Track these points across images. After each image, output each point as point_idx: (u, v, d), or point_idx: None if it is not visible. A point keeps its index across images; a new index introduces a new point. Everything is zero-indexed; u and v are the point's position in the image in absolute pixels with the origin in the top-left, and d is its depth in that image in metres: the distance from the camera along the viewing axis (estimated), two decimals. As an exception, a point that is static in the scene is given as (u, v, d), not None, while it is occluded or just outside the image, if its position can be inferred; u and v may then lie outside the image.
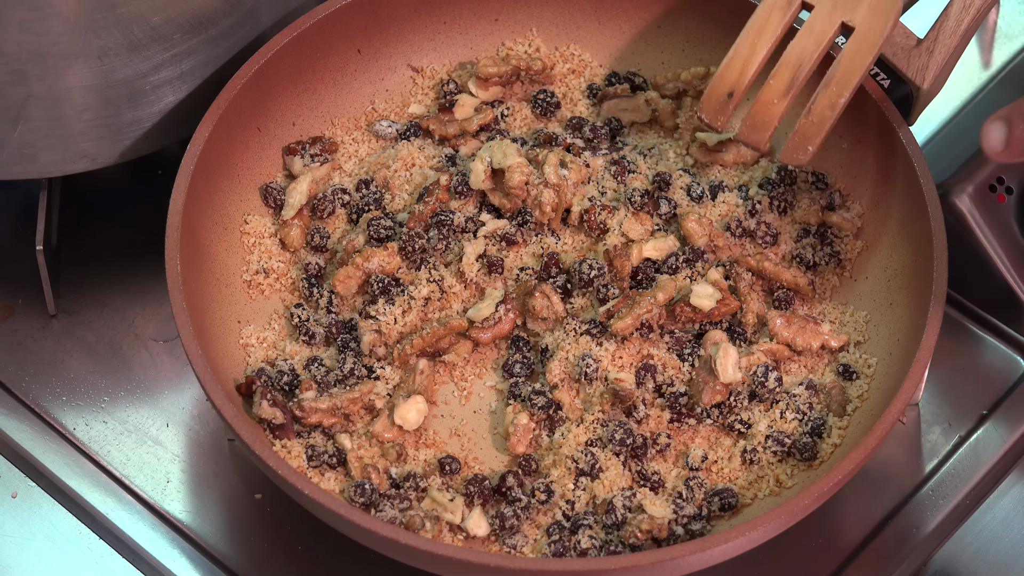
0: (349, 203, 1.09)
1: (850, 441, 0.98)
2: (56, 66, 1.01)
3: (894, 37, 1.09)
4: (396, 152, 1.10)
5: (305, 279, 1.06)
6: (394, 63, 1.15)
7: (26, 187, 1.14)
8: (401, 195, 1.08)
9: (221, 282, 1.04)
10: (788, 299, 1.05)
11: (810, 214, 1.09)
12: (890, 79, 1.09)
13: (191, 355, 0.94)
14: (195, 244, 1.01)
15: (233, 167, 1.07)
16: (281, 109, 1.10)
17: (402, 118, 1.15)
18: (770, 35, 1.04)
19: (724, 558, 0.91)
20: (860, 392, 1.01)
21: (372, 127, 1.13)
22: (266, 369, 1.01)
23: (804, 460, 0.98)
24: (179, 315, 0.95)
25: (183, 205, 0.99)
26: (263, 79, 1.07)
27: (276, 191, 1.09)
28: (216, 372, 0.95)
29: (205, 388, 0.93)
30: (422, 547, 0.88)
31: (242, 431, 0.92)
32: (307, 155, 1.10)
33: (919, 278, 1.01)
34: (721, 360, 0.99)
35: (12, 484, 1.05)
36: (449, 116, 1.13)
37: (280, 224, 1.08)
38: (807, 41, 1.03)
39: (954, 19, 1.08)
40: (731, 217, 1.07)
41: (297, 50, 1.08)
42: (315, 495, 0.89)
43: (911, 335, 0.99)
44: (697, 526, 0.96)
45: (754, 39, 1.04)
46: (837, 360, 1.03)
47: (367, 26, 1.12)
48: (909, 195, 1.04)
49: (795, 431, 0.99)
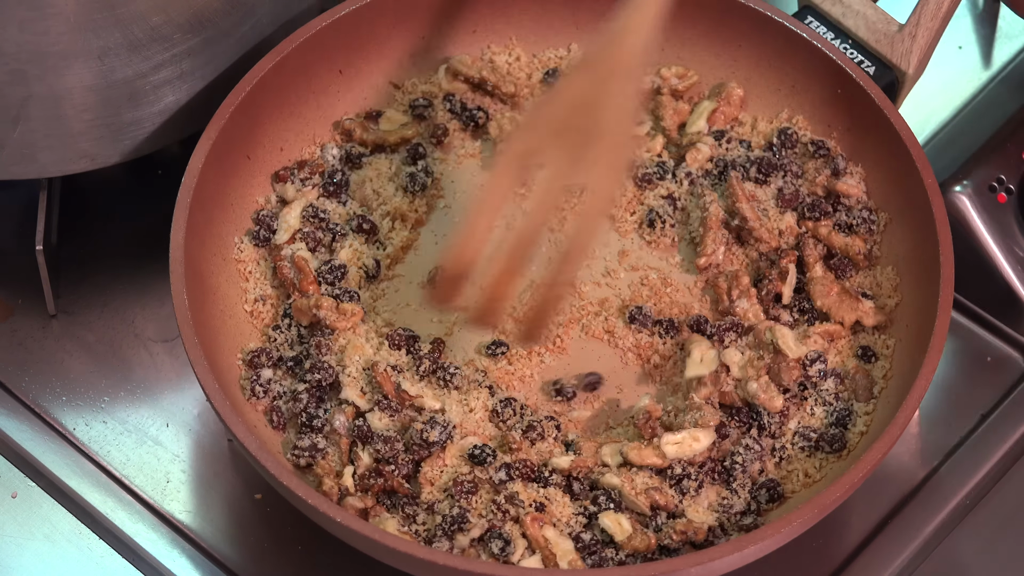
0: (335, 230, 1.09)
1: (876, 427, 0.98)
2: (56, 66, 1.01)
3: (875, 24, 1.10)
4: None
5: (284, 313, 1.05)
6: (376, 81, 1.15)
7: (26, 187, 1.14)
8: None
9: (225, 313, 1.04)
10: (843, 266, 1.06)
11: (816, 185, 1.09)
12: (875, 66, 1.09)
13: (208, 390, 0.93)
14: (198, 277, 1.01)
15: (225, 197, 1.07)
16: (268, 135, 1.10)
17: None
18: (497, 209, 0.94)
19: (744, 562, 0.91)
20: (884, 372, 1.01)
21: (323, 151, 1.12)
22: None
23: (834, 452, 0.99)
24: (191, 349, 0.94)
25: (184, 239, 0.99)
26: (250, 106, 1.06)
27: (268, 218, 1.08)
28: (232, 403, 0.94)
29: (226, 422, 0.93)
30: (421, 556, 0.88)
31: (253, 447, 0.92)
32: (297, 180, 1.10)
33: (923, 263, 1.01)
34: (782, 339, 1.00)
35: (12, 484, 1.05)
36: (374, 124, 1.13)
37: (273, 248, 1.08)
38: (535, 213, 0.93)
39: (934, 2, 1.09)
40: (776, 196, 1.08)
41: (280, 75, 1.08)
42: (316, 501, 0.90)
43: (921, 320, 0.99)
44: (748, 520, 0.96)
45: (482, 216, 0.93)
46: (857, 343, 1.03)
47: (347, 46, 1.12)
48: (907, 181, 1.04)
49: (821, 424, 1.00)
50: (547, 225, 0.97)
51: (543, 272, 0.96)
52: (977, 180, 1.14)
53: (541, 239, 0.97)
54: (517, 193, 1.05)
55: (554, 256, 0.94)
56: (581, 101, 0.94)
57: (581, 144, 0.94)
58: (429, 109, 1.14)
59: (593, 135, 0.94)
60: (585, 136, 0.94)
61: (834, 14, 1.12)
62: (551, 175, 0.94)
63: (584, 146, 0.93)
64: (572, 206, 1.07)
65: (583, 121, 0.94)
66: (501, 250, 0.93)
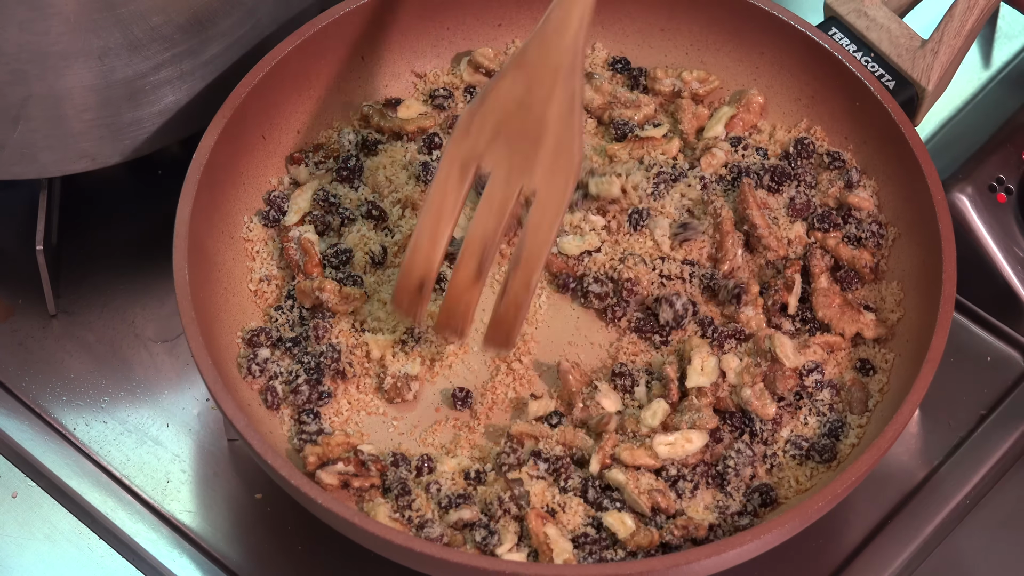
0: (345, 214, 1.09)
1: (867, 440, 0.98)
2: (56, 66, 1.01)
3: (898, 39, 1.10)
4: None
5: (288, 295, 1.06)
6: (398, 69, 1.15)
7: (26, 187, 1.14)
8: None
9: (228, 291, 1.04)
10: (849, 279, 1.06)
11: (828, 197, 1.09)
12: (895, 80, 1.09)
13: (200, 362, 0.94)
14: (202, 253, 1.01)
15: (238, 175, 1.07)
16: (285, 116, 1.10)
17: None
18: (448, 216, 0.94)
19: (735, 563, 0.91)
20: (880, 387, 1.01)
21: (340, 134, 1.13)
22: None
23: (824, 462, 0.99)
24: (188, 325, 0.95)
25: (190, 214, 0.99)
26: (267, 86, 1.06)
27: (279, 199, 1.08)
28: (226, 381, 0.94)
29: (216, 397, 0.93)
30: (431, 553, 0.88)
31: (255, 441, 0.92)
32: (311, 163, 1.10)
33: (927, 279, 1.01)
34: (780, 348, 1.00)
35: (12, 484, 1.05)
36: (392, 111, 1.13)
37: (282, 230, 1.08)
38: (487, 219, 0.94)
39: (958, 19, 1.09)
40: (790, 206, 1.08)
41: (301, 57, 1.08)
42: (323, 500, 0.90)
43: (920, 336, 0.99)
44: (744, 521, 0.96)
45: (434, 223, 0.94)
46: (856, 355, 1.03)
47: (371, 32, 1.12)
48: (917, 197, 1.04)
49: (813, 434, 1.00)
50: (501, 231, 0.95)
51: (505, 280, 0.96)
52: (977, 180, 1.14)
53: (496, 246, 0.95)
54: (470, 199, 1.01)
55: (511, 263, 0.94)
56: (518, 103, 0.93)
57: (524, 147, 0.93)
58: (449, 100, 1.14)
59: (534, 138, 0.93)
60: (527, 139, 0.93)
61: (859, 27, 1.11)
62: (497, 179, 0.94)
63: (528, 149, 0.93)
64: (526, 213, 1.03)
65: (522, 123, 0.93)
66: (460, 263, 0.93)
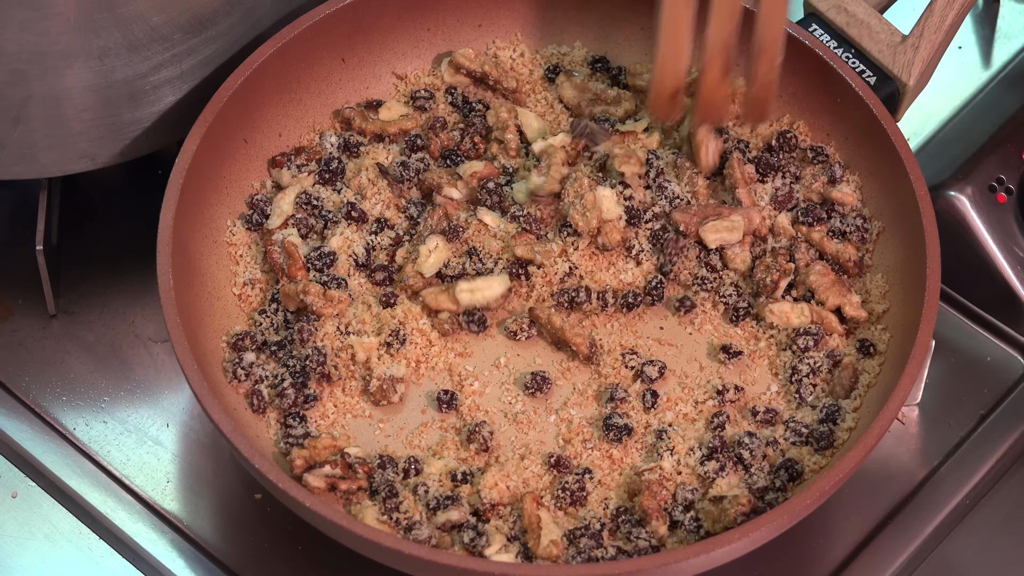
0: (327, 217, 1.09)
1: (864, 423, 0.98)
2: (56, 66, 1.01)
3: (879, 35, 1.10)
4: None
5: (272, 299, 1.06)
6: (379, 71, 1.15)
7: (26, 187, 1.14)
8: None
9: (212, 295, 1.04)
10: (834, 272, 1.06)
11: (812, 191, 1.09)
12: (876, 76, 1.09)
13: (185, 368, 0.94)
14: (185, 258, 1.01)
15: (221, 179, 1.07)
16: (267, 120, 1.10)
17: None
18: (686, 30, 1.02)
19: (724, 560, 0.91)
20: (868, 381, 1.01)
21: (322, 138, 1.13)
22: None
23: (821, 449, 0.99)
24: (173, 330, 0.95)
25: (173, 219, 0.99)
26: (248, 90, 1.06)
27: (262, 202, 1.08)
28: (212, 385, 0.95)
29: (202, 402, 0.93)
30: (423, 556, 0.88)
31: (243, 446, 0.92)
32: (293, 166, 1.10)
33: (913, 274, 1.01)
34: (703, 149, 1.07)
35: (12, 484, 1.05)
36: (374, 113, 1.13)
37: (265, 233, 1.08)
38: (724, 23, 1.01)
39: (939, 14, 1.09)
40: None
41: (282, 61, 1.08)
42: (314, 505, 0.90)
43: (906, 333, 0.99)
44: (771, 496, 0.96)
45: (673, 38, 1.02)
46: (855, 336, 1.04)
47: (351, 35, 1.12)
48: (900, 192, 1.04)
49: (812, 420, 1.00)
50: (736, 30, 1.01)
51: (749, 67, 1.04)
52: (977, 180, 1.14)
53: (735, 43, 1.02)
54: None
55: (754, 52, 1.02)
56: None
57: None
58: (431, 101, 1.14)
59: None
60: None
61: (838, 22, 1.11)
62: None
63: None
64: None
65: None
66: (708, 65, 1.02)
